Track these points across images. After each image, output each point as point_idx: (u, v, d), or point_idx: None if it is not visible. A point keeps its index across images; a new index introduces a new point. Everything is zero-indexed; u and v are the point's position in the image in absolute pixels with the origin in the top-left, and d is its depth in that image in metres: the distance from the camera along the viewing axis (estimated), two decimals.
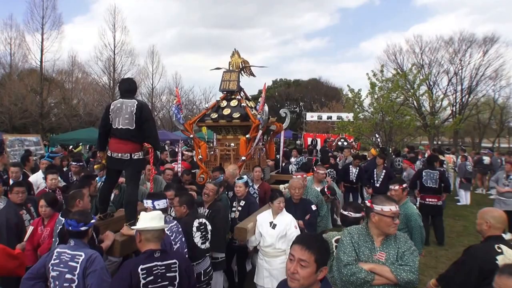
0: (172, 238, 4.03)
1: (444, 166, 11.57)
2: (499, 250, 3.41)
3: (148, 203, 4.27)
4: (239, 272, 6.04)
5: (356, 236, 3.26)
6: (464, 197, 13.80)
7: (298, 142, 28.31)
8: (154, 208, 4.14)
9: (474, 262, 3.43)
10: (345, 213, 3.97)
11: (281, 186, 7.06)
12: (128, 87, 4.90)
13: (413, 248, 3.20)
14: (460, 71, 36.87)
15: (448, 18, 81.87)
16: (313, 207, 5.66)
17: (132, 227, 3.50)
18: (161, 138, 23.35)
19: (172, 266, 3.26)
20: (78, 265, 3.29)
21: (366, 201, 3.37)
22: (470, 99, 37.10)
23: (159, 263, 3.21)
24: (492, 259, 3.36)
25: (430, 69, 36.96)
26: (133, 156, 4.74)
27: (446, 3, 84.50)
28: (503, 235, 3.60)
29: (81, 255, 3.33)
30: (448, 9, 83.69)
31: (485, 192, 16.04)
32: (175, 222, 4.27)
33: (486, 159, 16.30)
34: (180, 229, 4.19)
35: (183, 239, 4.15)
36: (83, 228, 3.50)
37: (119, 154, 4.71)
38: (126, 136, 4.68)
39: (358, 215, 3.93)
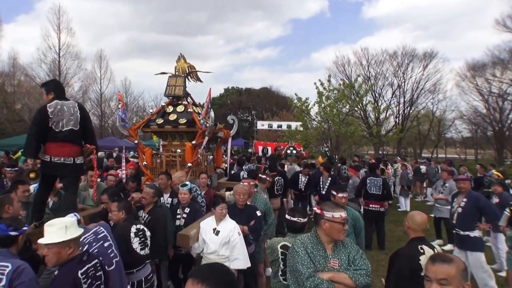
0: (106, 246, 3.87)
1: (385, 174, 12.01)
2: (422, 251, 3.59)
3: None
4: (185, 280, 5.91)
5: (309, 245, 3.22)
6: (404, 204, 14.43)
7: (250, 150, 28.33)
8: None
9: (402, 263, 3.59)
10: (294, 219, 3.88)
11: (227, 193, 7.05)
12: (63, 88, 4.91)
13: (361, 251, 3.28)
14: (403, 84, 38.80)
15: (393, 32, 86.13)
16: (258, 213, 5.67)
17: (41, 240, 3.31)
18: (110, 144, 22.71)
19: (97, 265, 3.35)
20: (4, 277, 3.07)
21: (315, 208, 3.37)
22: (411, 111, 39.06)
23: (89, 264, 3.26)
24: (416, 259, 3.52)
25: (376, 81, 38.55)
26: (76, 160, 4.73)
27: (392, 18, 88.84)
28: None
29: (7, 266, 3.11)
30: (394, 24, 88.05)
31: (423, 199, 16.89)
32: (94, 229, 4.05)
33: (423, 168, 17.32)
34: (101, 236, 3.94)
35: (105, 244, 3.95)
36: (12, 233, 3.30)
37: (62, 159, 4.65)
38: (70, 137, 4.66)
39: (305, 220, 3.94)
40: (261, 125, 34.88)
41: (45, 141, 4.68)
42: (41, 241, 3.22)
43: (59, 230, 3.23)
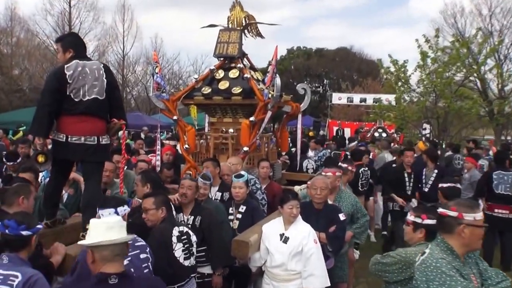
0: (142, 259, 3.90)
1: None
2: None
3: (104, 213, 3.91)
4: None
5: (454, 262, 3.15)
6: None
7: (321, 132, 28.16)
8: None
9: None
10: (428, 222, 3.84)
11: (297, 188, 7.02)
12: (84, 44, 4.95)
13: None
14: None
15: None
16: (342, 217, 5.62)
17: (81, 242, 3.34)
18: (135, 122, 23.34)
19: None
20: None
21: (442, 210, 3.27)
22: None
23: None
24: None
25: (502, 37, 36.65)
26: (100, 140, 4.75)
27: None
28: None
29: (16, 276, 3.23)
30: None
31: None
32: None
33: None
34: (138, 245, 3.96)
35: (141, 256, 3.92)
36: (25, 233, 3.40)
37: (82, 138, 4.67)
38: (93, 109, 4.69)
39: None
40: (337, 98, 34.55)
41: (59, 115, 4.72)
42: (85, 242, 3.17)
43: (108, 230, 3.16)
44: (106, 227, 3.11)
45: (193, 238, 4.66)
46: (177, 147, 10.38)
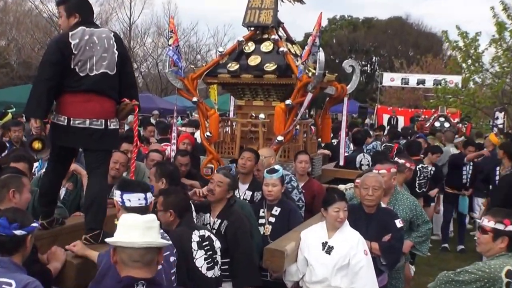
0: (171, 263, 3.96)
1: None
2: None
3: (116, 195, 4.10)
4: None
5: None
6: None
7: (367, 120, 27.97)
8: (123, 204, 4.02)
9: None
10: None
11: (342, 187, 6.99)
12: (91, 8, 4.95)
13: None
14: None
15: None
16: (398, 223, 5.58)
17: (108, 240, 3.34)
18: (146, 106, 23.38)
19: None
20: None
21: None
22: None
23: None
24: None
25: None
26: (108, 124, 4.75)
27: None
28: None
29: (10, 284, 3.26)
30: None
31: None
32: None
33: None
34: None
35: (171, 258, 4.04)
36: (18, 233, 3.43)
37: (87, 121, 4.66)
38: (102, 87, 4.69)
39: None
40: (389, 79, 34.28)
41: (61, 93, 4.73)
42: (113, 240, 3.14)
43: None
44: (129, 224, 3.13)
45: (217, 244, 4.69)
46: (195, 135, 10.42)
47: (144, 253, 3.08)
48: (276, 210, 5.94)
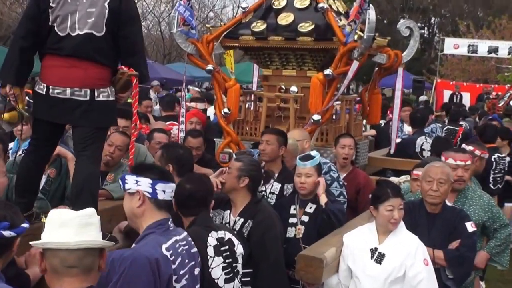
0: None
1: None
2: None
3: (142, 184, 3.98)
4: None
5: None
6: None
7: (422, 97, 27.82)
8: (154, 197, 3.98)
9: None
10: None
11: (395, 179, 6.98)
12: None
13: None
14: None
15: None
16: (470, 227, 5.52)
17: (33, 243, 3.28)
18: None
19: None
20: None
21: None
22: None
23: None
24: None
25: None
26: (95, 95, 4.76)
27: None
28: None
29: None
30: None
31: None
32: (184, 233, 4.17)
33: None
34: (194, 251, 4.11)
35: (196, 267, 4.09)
36: (6, 234, 3.38)
37: (67, 91, 4.70)
38: (86, 50, 4.69)
39: None
40: (452, 46, 34.05)
41: (44, 56, 4.82)
42: (41, 242, 3.10)
43: None
44: (61, 222, 3.05)
45: (239, 249, 4.66)
46: (208, 112, 10.43)
47: (82, 256, 2.99)
48: (310, 207, 5.92)
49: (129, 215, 4.04)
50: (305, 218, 5.88)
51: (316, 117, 7.49)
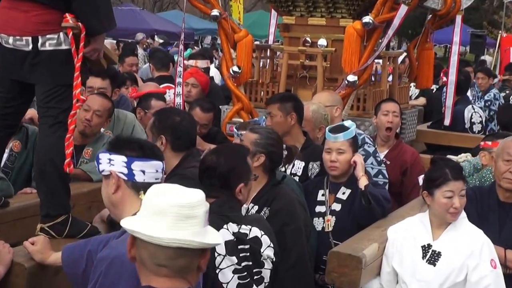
0: None
1: None
2: None
3: (115, 162, 3.89)
4: None
5: None
6: None
7: (483, 57, 27.71)
8: (130, 179, 3.92)
9: None
10: None
11: (453, 158, 6.86)
12: None
13: None
14: None
15: None
16: None
17: (124, 223, 3.14)
18: (128, 26, 23.63)
19: None
20: None
21: None
22: None
23: None
24: None
25: None
26: (39, 43, 4.77)
27: None
28: None
29: None
30: None
31: None
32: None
33: None
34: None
35: None
36: None
37: (10, 39, 4.78)
38: None
39: None
40: None
41: None
42: (130, 227, 2.94)
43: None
44: (158, 209, 2.87)
45: (267, 252, 4.61)
46: (210, 71, 10.42)
47: (174, 256, 2.88)
48: (344, 193, 5.96)
49: (107, 204, 3.95)
50: (337, 207, 5.91)
51: (351, 78, 7.45)
